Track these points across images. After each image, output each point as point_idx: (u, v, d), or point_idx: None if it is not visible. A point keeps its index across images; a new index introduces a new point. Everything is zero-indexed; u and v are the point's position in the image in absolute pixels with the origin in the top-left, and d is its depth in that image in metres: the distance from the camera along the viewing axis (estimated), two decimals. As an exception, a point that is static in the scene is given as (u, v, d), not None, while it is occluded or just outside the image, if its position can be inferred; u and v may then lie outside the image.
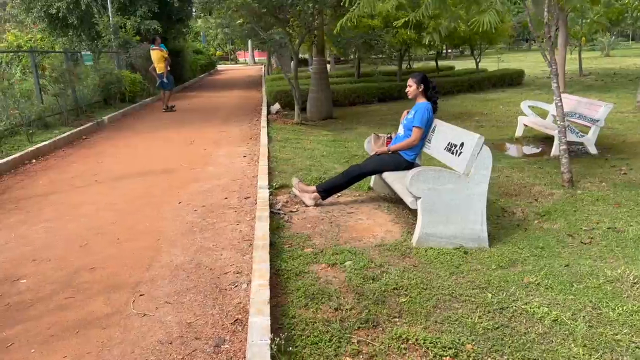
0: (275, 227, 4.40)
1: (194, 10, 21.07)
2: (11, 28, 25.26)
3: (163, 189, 5.94)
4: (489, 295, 3.22)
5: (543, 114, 8.83)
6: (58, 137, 9.06)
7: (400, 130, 5.12)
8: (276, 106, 12.75)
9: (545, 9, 5.45)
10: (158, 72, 13.32)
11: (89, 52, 13.87)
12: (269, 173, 6.10)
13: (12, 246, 4.26)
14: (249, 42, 28.43)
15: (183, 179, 6.35)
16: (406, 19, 6.17)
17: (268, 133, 9.02)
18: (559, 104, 5.51)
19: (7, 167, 7.18)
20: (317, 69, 11.99)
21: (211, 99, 17.17)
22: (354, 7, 5.90)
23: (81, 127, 10.29)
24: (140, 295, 3.27)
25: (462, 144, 4.16)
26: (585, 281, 3.39)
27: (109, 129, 11.10)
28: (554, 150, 7.07)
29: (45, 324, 2.96)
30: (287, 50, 11.47)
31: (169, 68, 13.44)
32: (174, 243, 4.16)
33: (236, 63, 51.36)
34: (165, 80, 13.50)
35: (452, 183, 3.96)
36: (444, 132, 4.67)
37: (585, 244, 4.07)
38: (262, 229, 3.99)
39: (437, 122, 4.88)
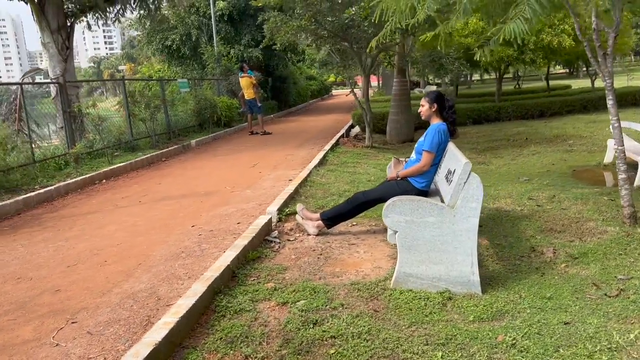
0: (256, 257, 4.11)
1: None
2: (144, 61, 28.05)
3: (190, 211, 5.94)
4: (439, 354, 2.64)
5: (641, 137, 7.56)
6: (136, 159, 9.63)
7: (413, 154, 4.59)
8: (356, 129, 12.49)
9: None
10: (247, 97, 13.75)
11: (185, 80, 14.76)
12: (292, 197, 5.84)
13: (13, 263, 4.46)
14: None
15: (215, 201, 6.32)
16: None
17: (325, 156, 8.77)
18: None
19: (75, 186, 7.74)
20: (397, 91, 11.54)
21: (305, 122, 17.39)
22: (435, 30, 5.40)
23: (164, 150, 10.88)
24: (73, 322, 3.17)
25: (454, 171, 3.58)
26: (577, 346, 2.65)
27: (193, 151, 11.62)
28: (637, 181, 5.95)
29: (-29, 345, 2.97)
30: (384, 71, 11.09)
31: (258, 94, 13.81)
32: (149, 269, 4.06)
33: (353, 88, 51.87)
34: (258, 104, 13.88)
35: (433, 216, 3.39)
36: (448, 157, 4.09)
37: (610, 296, 3.23)
38: (225, 259, 3.73)
39: (449, 146, 4.29)
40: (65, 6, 11.11)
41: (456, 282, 3.40)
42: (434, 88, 24.53)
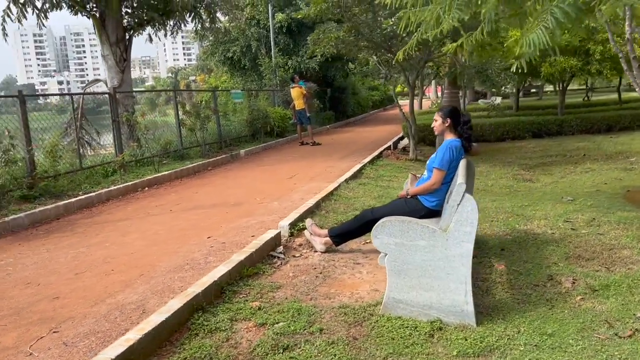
0: (253, 273, 4.02)
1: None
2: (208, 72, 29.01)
3: (212, 222, 5.96)
4: (404, 394, 2.42)
5: None
6: (181, 168, 9.86)
7: (425, 172, 4.35)
8: (405, 141, 12.19)
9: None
10: (297, 108, 13.80)
11: (239, 91, 15.03)
12: (311, 212, 5.71)
13: (31, 267, 4.63)
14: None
15: (240, 212, 6.31)
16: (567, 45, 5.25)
17: (362, 169, 8.58)
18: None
19: (117, 193, 8.01)
20: (447, 102, 11.19)
21: (359, 133, 17.23)
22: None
23: (211, 159, 11.09)
24: (55, 332, 3.21)
25: (452, 192, 3.33)
26: (564, 396, 2.36)
27: (241, 161, 11.78)
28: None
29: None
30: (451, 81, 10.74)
31: (308, 105, 13.84)
32: (149, 280, 4.07)
33: (422, 99, 51.02)
34: (307, 115, 13.93)
35: (424, 239, 3.16)
36: (455, 176, 3.83)
37: (621, 337, 2.87)
38: (214, 274, 3.66)
39: (460, 163, 4.02)
40: (124, 20, 11.63)
41: (448, 312, 3.14)
42: (499, 99, 23.63)
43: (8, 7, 9.98)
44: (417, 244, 3.17)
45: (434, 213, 4.08)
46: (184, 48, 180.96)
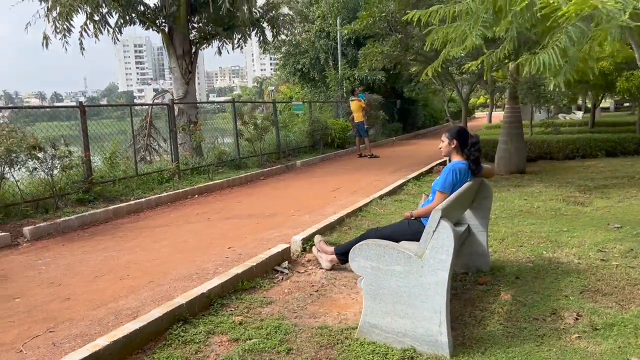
0: (249, 287, 4.08)
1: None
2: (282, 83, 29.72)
3: (240, 232, 6.12)
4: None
5: None
6: (233, 177, 10.18)
7: (430, 195, 4.23)
8: (463, 156, 11.80)
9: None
10: (356, 121, 13.82)
11: (300, 102, 15.28)
12: (332, 227, 5.71)
13: (61, 268, 4.99)
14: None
15: (270, 224, 6.43)
16: None
17: (404, 184, 8.43)
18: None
19: (167, 200, 8.42)
20: (508, 117, 10.69)
21: (422, 146, 16.92)
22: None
23: (265, 169, 11.37)
24: (50, 332, 3.45)
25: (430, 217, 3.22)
26: None
27: (295, 171, 11.96)
28: None
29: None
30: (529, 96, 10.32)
31: (366, 117, 13.83)
32: (155, 287, 4.26)
33: (492, 112, 49.22)
34: (365, 127, 13.93)
35: (400, 265, 3.08)
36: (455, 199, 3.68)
37: (601, 387, 2.64)
38: (205, 286, 3.76)
39: (463, 186, 3.87)
40: (190, 35, 12.24)
41: (422, 341, 3.03)
42: (580, 114, 22.30)
43: (85, 24, 10.83)
44: (393, 268, 3.10)
45: (437, 236, 3.95)
46: (270, 58, 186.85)
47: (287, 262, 4.58)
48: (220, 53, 14.53)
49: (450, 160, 4.12)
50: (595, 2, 2.88)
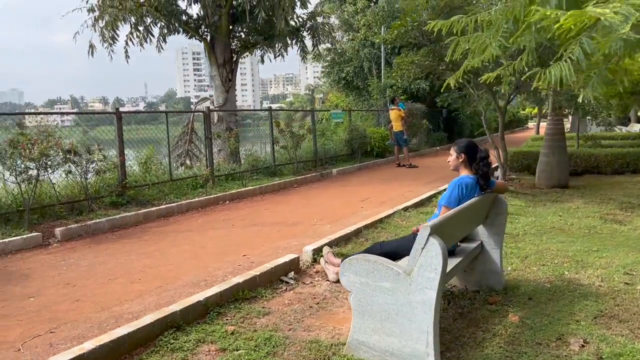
0: (250, 296, 4.07)
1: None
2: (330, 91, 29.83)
3: (259, 240, 6.15)
4: None
5: None
6: (266, 184, 10.26)
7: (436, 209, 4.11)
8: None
9: None
10: (394, 130, 13.67)
11: (339, 111, 15.25)
12: (348, 238, 5.64)
13: (81, 269, 5.16)
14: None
15: (290, 233, 6.43)
16: None
17: (433, 196, 8.24)
18: None
19: (197, 205, 8.57)
20: (550, 129, 10.30)
21: (466, 157, 16.52)
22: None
23: (299, 177, 11.40)
24: (51, 332, 3.56)
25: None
26: None
27: (330, 180, 11.94)
28: None
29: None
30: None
31: (405, 126, 13.66)
32: (162, 292, 4.33)
33: (539, 123, 47.64)
34: (404, 137, 13.76)
35: (389, 281, 2.99)
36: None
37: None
38: (203, 294, 3.78)
39: (467, 202, 3.74)
40: (232, 44, 12.48)
41: (408, 362, 2.94)
42: (638, 127, 21.17)
43: (130, 33, 11.25)
44: (382, 285, 3.01)
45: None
46: (322, 66, 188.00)
47: (293, 272, 4.56)
48: (262, 61, 14.74)
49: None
50: (593, 14, 2.70)
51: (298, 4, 11.33)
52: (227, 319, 3.68)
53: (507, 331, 3.53)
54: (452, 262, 3.72)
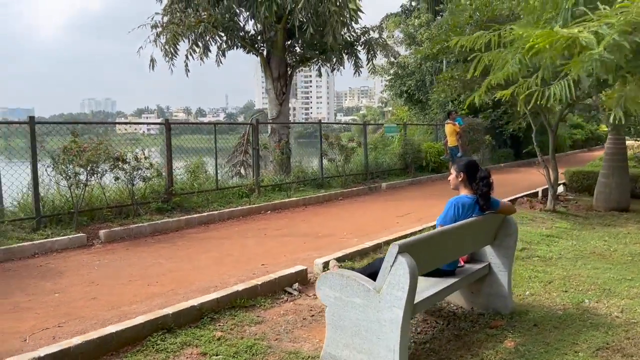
0: (249, 305, 4.17)
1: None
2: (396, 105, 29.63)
3: (283, 250, 6.27)
4: None
5: None
6: (310, 196, 10.40)
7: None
8: (560, 189, 10.88)
9: None
10: (449, 145, 13.40)
11: (393, 125, 15.14)
12: (365, 253, 5.62)
13: (109, 270, 5.49)
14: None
15: (315, 245, 6.50)
16: None
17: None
18: None
19: (239, 214, 8.84)
20: (610, 149, 9.74)
21: (528, 175, 15.85)
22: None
23: (346, 190, 11.44)
24: (59, 326, 3.84)
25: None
26: None
27: (378, 194, 11.90)
28: None
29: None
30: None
31: (460, 141, 13.35)
32: (172, 296, 4.53)
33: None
34: (459, 153, 13.45)
35: (359, 297, 2.99)
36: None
37: None
38: (200, 299, 3.93)
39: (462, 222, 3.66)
40: (287, 58, 12.79)
41: (375, 380, 2.92)
42: None
43: (191, 47, 11.83)
44: (353, 300, 3.02)
45: (440, 273, 3.78)
46: (386, 80, 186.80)
47: (298, 283, 4.62)
48: (320, 75, 14.98)
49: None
50: (565, 35, 2.60)
51: (348, 19, 11.43)
52: (218, 325, 3.80)
53: (496, 357, 3.41)
54: (445, 283, 3.65)
